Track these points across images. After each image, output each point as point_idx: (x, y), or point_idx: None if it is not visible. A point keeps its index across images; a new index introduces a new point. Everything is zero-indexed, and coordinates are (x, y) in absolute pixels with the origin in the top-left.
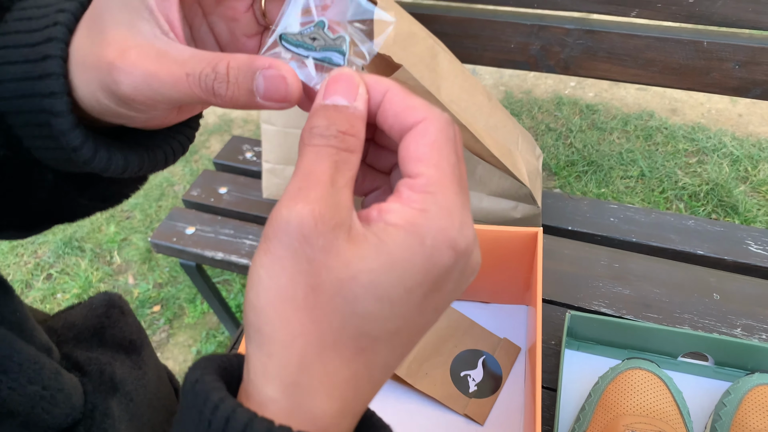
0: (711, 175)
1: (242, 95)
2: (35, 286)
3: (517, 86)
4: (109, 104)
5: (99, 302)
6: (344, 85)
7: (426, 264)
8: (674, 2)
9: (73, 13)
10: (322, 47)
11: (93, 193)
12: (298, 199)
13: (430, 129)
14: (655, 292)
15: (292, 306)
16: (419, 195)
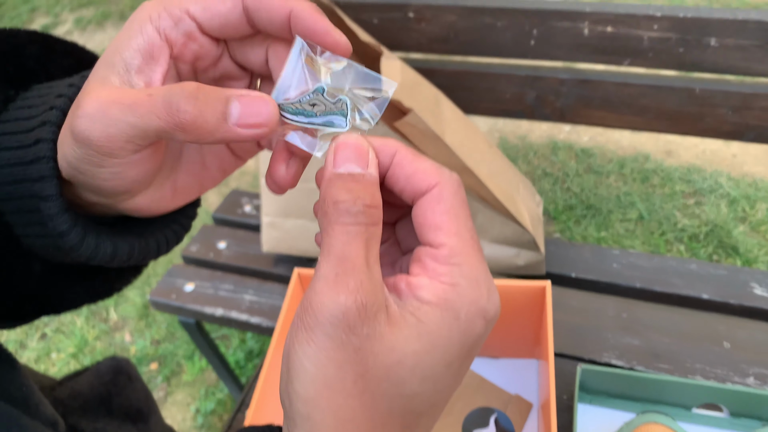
0: (709, 216)
1: (211, 117)
2: (29, 346)
3: (511, 132)
4: (73, 159)
5: (106, 369)
6: (354, 151)
7: (461, 338)
8: (665, 51)
9: (69, 97)
10: (323, 112)
11: (82, 287)
12: (339, 288)
13: (444, 194)
14: (664, 342)
15: (342, 394)
16: (446, 267)
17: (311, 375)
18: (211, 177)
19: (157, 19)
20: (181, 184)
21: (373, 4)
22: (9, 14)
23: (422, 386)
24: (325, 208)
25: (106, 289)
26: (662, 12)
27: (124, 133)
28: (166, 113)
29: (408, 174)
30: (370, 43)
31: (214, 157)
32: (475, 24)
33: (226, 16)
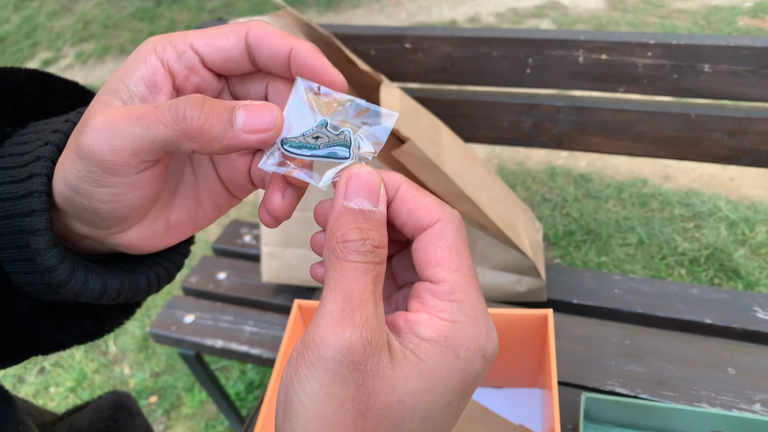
0: (709, 239)
1: (218, 123)
2: (28, 381)
3: (510, 158)
4: (74, 179)
5: (106, 404)
6: (366, 185)
7: (461, 376)
8: (659, 78)
9: (65, 132)
10: (326, 144)
11: (72, 328)
12: (344, 323)
13: (446, 231)
14: (668, 369)
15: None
16: (446, 304)
17: (310, 413)
18: (205, 214)
19: (162, 51)
20: (174, 220)
21: (370, 35)
22: (11, 49)
23: (421, 426)
24: (333, 244)
25: (96, 330)
26: (656, 39)
27: (130, 145)
28: (173, 121)
29: (410, 208)
30: (369, 72)
31: (209, 193)
32: (471, 54)
33: (229, 51)
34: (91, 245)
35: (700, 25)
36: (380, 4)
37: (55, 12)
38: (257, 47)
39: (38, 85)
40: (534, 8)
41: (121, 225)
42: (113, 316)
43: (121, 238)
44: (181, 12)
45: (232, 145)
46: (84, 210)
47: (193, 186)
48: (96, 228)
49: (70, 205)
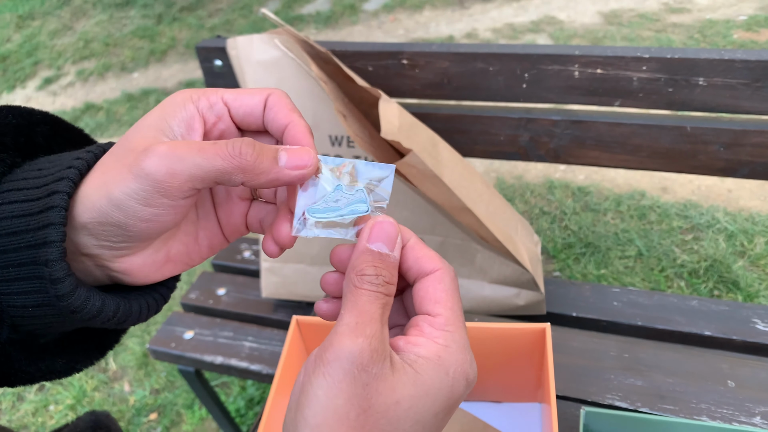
0: (708, 251)
1: (266, 160)
2: (27, 399)
3: (507, 172)
4: (122, 195)
5: (85, 424)
6: (387, 234)
7: (448, 392)
8: (654, 91)
9: (87, 161)
10: (346, 204)
11: (41, 366)
12: (358, 333)
13: (445, 278)
14: (668, 382)
15: (345, 424)
16: (440, 332)
17: (323, 403)
18: (199, 252)
19: (197, 100)
20: (174, 253)
21: (367, 52)
22: (13, 67)
23: (413, 428)
24: (352, 275)
25: (67, 369)
26: (650, 53)
27: (189, 171)
28: (231, 155)
29: (417, 257)
30: (367, 89)
31: (207, 233)
32: (468, 69)
33: (252, 108)
34: (88, 269)
35: (695, 39)
36: (378, 21)
37: (56, 31)
38: (269, 110)
39: (50, 126)
40: (530, 23)
41: (134, 247)
42: (86, 356)
43: (123, 263)
44: (181, 30)
45: (277, 179)
46: (115, 228)
47: (194, 224)
48: (110, 248)
49: (100, 222)
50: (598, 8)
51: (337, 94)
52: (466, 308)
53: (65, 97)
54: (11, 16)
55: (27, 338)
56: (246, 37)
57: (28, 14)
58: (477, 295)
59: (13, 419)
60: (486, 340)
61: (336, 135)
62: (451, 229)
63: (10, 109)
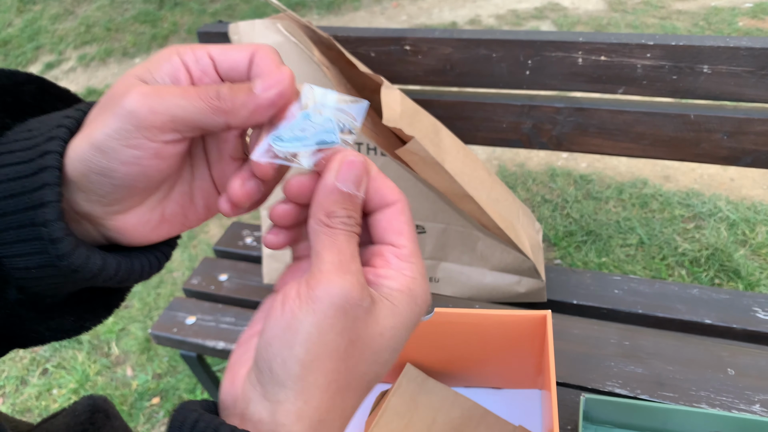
0: (710, 240)
1: (242, 94)
2: (30, 382)
3: (510, 159)
4: (103, 136)
5: (83, 408)
6: (356, 174)
7: (415, 319)
8: (658, 79)
9: (77, 119)
10: (313, 134)
11: (51, 324)
12: (345, 271)
13: (405, 209)
14: (668, 370)
15: (335, 356)
16: (407, 264)
17: (313, 339)
18: (195, 212)
19: (183, 54)
20: (169, 213)
21: (370, 37)
22: (14, 52)
23: (391, 356)
24: (322, 217)
25: (76, 327)
26: (654, 40)
27: (170, 111)
28: (209, 97)
29: (377, 187)
30: (369, 75)
31: (202, 192)
32: (471, 56)
33: (237, 62)
34: (85, 230)
35: (700, 26)
36: (381, 6)
37: (57, 15)
38: (255, 66)
39: (36, 86)
40: (534, 10)
41: (125, 202)
42: (94, 314)
43: (118, 221)
44: (183, 15)
45: (257, 107)
46: (99, 175)
47: (189, 183)
48: (100, 203)
49: (85, 171)
50: None
51: (339, 80)
52: (468, 295)
53: (67, 81)
54: (12, 0)
55: (35, 299)
56: (248, 22)
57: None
58: (478, 283)
59: (17, 402)
60: (487, 327)
61: None
62: (453, 216)
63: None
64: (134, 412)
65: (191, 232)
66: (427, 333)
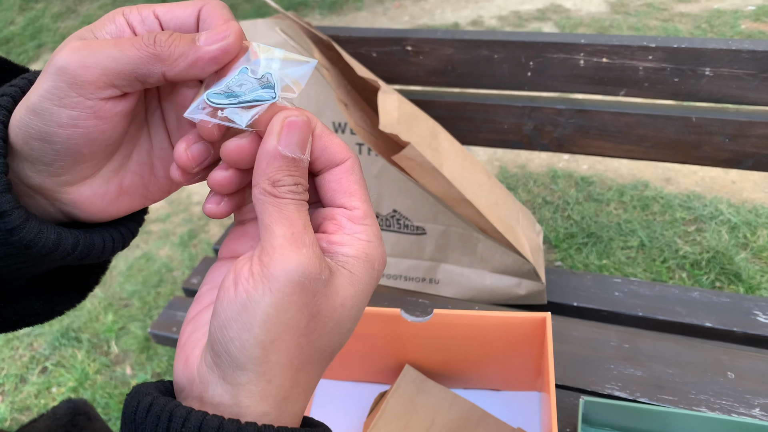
0: (711, 242)
1: (183, 43)
2: (30, 380)
3: (511, 161)
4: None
5: (63, 411)
6: (300, 135)
7: (374, 283)
8: (660, 81)
9: (21, 87)
10: (250, 90)
11: (18, 308)
12: (299, 244)
13: (355, 168)
14: (667, 373)
15: (295, 333)
16: (360, 227)
17: (274, 319)
18: (157, 183)
19: (129, 14)
20: (127, 184)
21: (371, 38)
22: (16, 50)
23: (352, 324)
24: (266, 185)
25: (46, 311)
26: (657, 43)
27: (102, 63)
28: (145, 45)
29: (325, 146)
30: (367, 78)
31: (163, 162)
32: (472, 57)
33: (183, 20)
34: (40, 205)
35: (702, 29)
36: (383, 7)
37: (60, 14)
38: (203, 22)
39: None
40: (536, 11)
41: (73, 171)
42: (65, 297)
43: (72, 194)
44: None
45: (197, 59)
46: (39, 141)
47: (148, 153)
48: (48, 173)
49: (24, 137)
50: None
51: (339, 81)
52: (468, 297)
53: None
54: None
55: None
56: (250, 22)
57: None
58: (478, 284)
59: (16, 401)
60: (486, 329)
61: (339, 122)
62: (453, 218)
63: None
64: None
65: (192, 232)
66: (426, 334)
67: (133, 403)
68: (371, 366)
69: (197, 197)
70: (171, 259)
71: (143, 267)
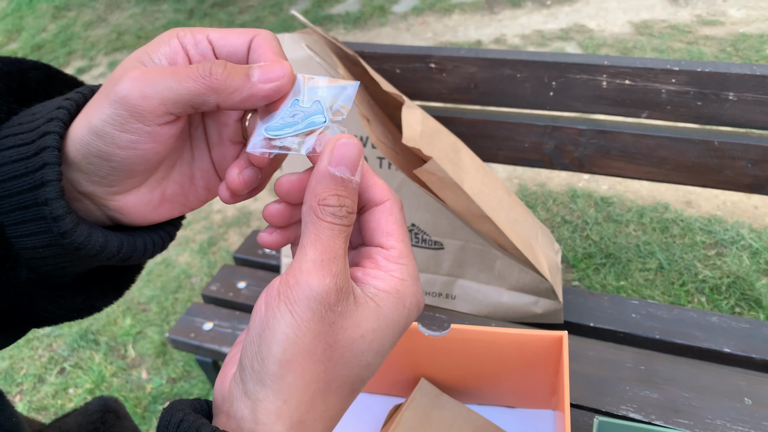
0: (731, 267)
1: (237, 77)
2: (48, 381)
3: (530, 179)
4: (99, 122)
5: (94, 408)
6: (350, 156)
7: (404, 322)
8: (683, 104)
9: (76, 101)
10: (303, 118)
11: (62, 303)
12: (325, 272)
13: (395, 209)
14: (684, 396)
15: (312, 359)
16: (395, 266)
17: (291, 341)
18: (196, 193)
19: (183, 37)
20: (169, 193)
21: (396, 54)
22: (47, 57)
23: (375, 358)
24: (314, 204)
25: (86, 306)
26: (680, 66)
27: (161, 94)
28: (201, 76)
29: (367, 184)
30: (392, 93)
31: (203, 174)
32: (495, 75)
33: (236, 48)
34: (88, 210)
35: (727, 52)
36: (407, 23)
37: (90, 22)
38: (253, 51)
39: (41, 72)
40: (560, 31)
41: (125, 183)
42: (104, 294)
43: (119, 201)
44: (211, 25)
45: (251, 95)
46: (98, 158)
47: (189, 165)
48: (101, 184)
49: (85, 154)
50: (629, 18)
51: (362, 97)
52: (484, 314)
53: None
54: (48, 6)
55: (45, 278)
56: None
57: (64, 5)
58: (495, 301)
59: (34, 400)
60: (502, 345)
61: (360, 136)
62: (472, 234)
63: (0, 59)
64: (147, 414)
65: (211, 239)
66: (443, 349)
67: (166, 417)
68: (387, 378)
69: (217, 205)
70: (190, 266)
71: (162, 272)
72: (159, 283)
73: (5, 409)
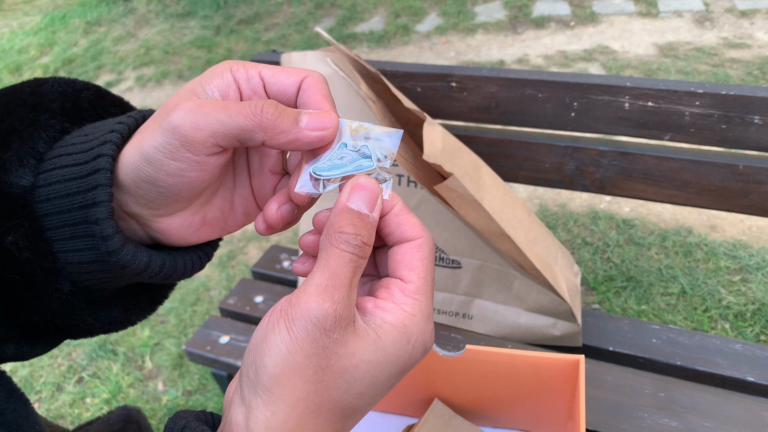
0: (757, 294)
1: (287, 120)
2: (66, 389)
3: (551, 199)
4: (151, 149)
5: (116, 417)
6: (367, 194)
7: (407, 359)
8: (707, 127)
9: (128, 125)
10: (350, 161)
11: (101, 315)
12: (325, 297)
13: (424, 246)
14: (704, 426)
15: (303, 378)
16: (409, 300)
17: (283, 356)
18: (235, 218)
19: (236, 71)
20: (210, 217)
21: (417, 73)
22: (77, 70)
23: (368, 389)
24: (330, 232)
25: (123, 320)
26: (704, 89)
27: (212, 127)
28: (252, 113)
29: (400, 222)
30: (413, 110)
31: (242, 200)
32: (517, 95)
33: (287, 86)
34: (132, 229)
35: (754, 75)
36: (430, 42)
37: (120, 37)
38: (303, 92)
39: (93, 92)
40: (583, 52)
41: (170, 207)
42: (140, 308)
43: (162, 223)
44: (237, 42)
45: (297, 140)
46: (147, 183)
47: (230, 191)
48: (147, 206)
49: (134, 178)
50: (653, 40)
51: (384, 114)
52: (501, 335)
53: None
54: (80, 21)
55: (86, 292)
56: (300, 53)
57: (96, 21)
58: (513, 323)
59: (51, 408)
60: (518, 368)
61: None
62: (490, 254)
63: (56, 79)
64: (162, 426)
65: (231, 253)
66: (457, 369)
67: (170, 424)
68: (400, 398)
69: None
70: (209, 279)
71: (181, 285)
72: (178, 295)
73: (29, 416)
